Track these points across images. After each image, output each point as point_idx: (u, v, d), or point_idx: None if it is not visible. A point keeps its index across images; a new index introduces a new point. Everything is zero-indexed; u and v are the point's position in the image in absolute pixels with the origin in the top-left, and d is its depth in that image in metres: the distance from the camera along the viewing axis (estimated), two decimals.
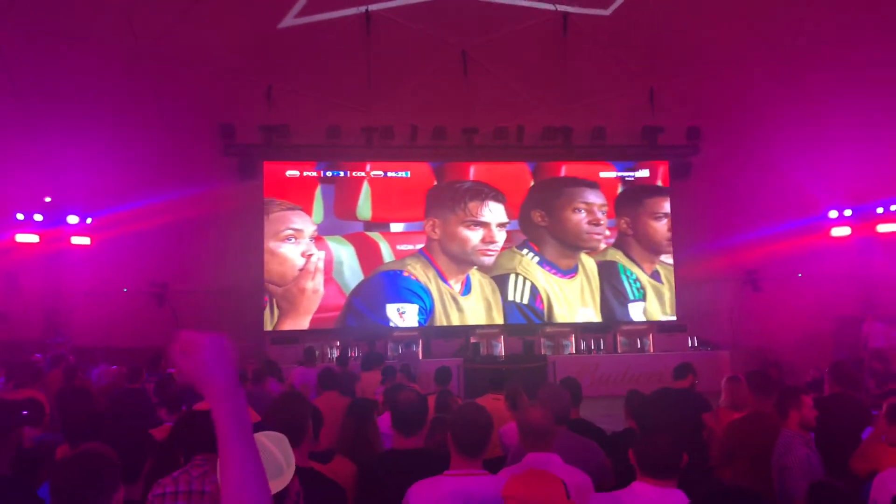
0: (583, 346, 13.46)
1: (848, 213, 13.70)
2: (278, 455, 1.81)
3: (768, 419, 3.93)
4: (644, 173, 14.66)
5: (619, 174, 14.58)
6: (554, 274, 13.98)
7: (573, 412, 4.30)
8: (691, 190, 14.42)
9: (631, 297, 14.18)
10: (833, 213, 13.78)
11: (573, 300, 14.00)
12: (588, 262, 14.13)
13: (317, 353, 12.30)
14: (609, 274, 14.19)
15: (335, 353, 12.51)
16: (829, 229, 13.86)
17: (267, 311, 13.33)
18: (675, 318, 14.21)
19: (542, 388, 4.11)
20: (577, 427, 4.05)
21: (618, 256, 14.28)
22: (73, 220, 12.15)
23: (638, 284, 14.22)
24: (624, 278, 14.20)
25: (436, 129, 13.70)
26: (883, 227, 13.25)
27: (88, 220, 12.34)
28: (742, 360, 12.69)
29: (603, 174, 14.53)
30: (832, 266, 13.48)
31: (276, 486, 1.78)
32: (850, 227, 13.73)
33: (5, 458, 3.30)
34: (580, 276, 14.10)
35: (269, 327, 13.28)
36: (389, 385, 6.16)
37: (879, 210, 13.23)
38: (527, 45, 13.43)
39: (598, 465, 3.58)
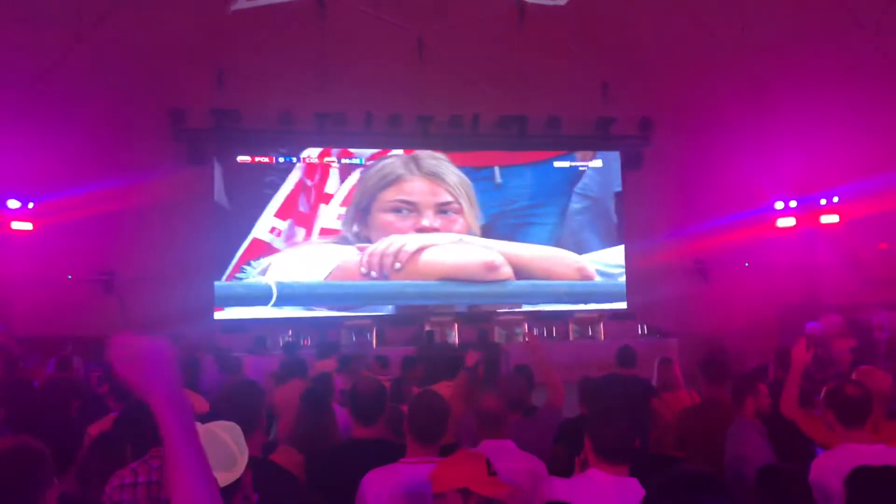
0: (535, 333, 13.56)
1: (793, 204, 14.10)
2: (231, 445, 1.77)
3: (722, 407, 4.00)
4: (597, 163, 14.82)
5: (573, 164, 14.72)
6: None
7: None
8: (643, 180, 14.64)
9: None
10: (779, 205, 14.17)
11: None
12: None
13: (268, 341, 12.20)
14: None
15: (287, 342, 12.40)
16: (775, 220, 14.26)
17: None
18: (625, 306, 14.44)
19: (498, 376, 4.13)
20: (530, 413, 4.08)
21: None
22: (13, 204, 11.71)
23: None
24: None
25: (391, 116, 13.60)
26: (826, 219, 13.68)
27: (30, 205, 11.90)
28: (690, 347, 12.98)
29: (557, 163, 14.65)
30: (778, 256, 13.88)
31: (229, 476, 1.74)
32: (795, 217, 14.15)
33: None
34: None
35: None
36: (345, 373, 6.12)
37: (823, 202, 13.64)
38: (483, 34, 13.42)
39: (551, 450, 3.61)
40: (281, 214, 13.51)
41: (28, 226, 11.94)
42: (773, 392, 5.24)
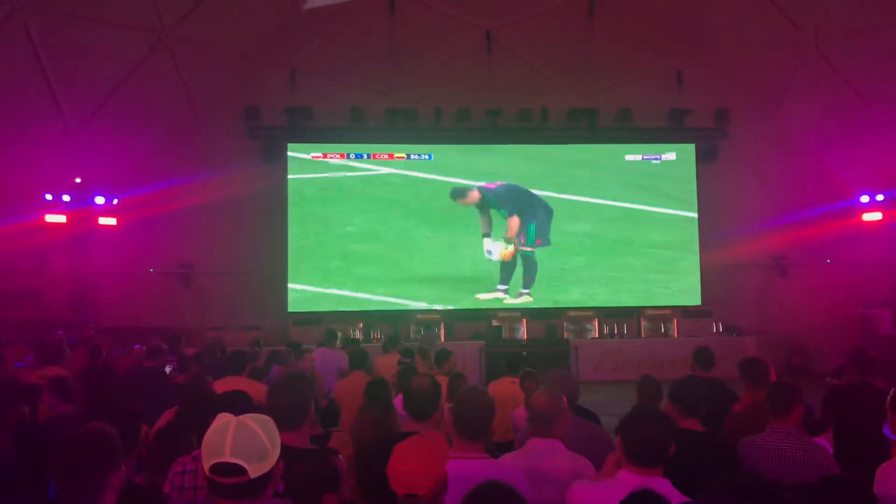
0: (605, 330, 13.40)
1: (880, 198, 13.31)
2: (263, 437, 1.83)
3: (765, 411, 3.75)
4: (671, 156, 14.44)
5: (645, 157, 14.38)
6: None
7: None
8: (718, 173, 14.16)
9: None
10: (865, 198, 13.41)
11: None
12: None
13: (339, 334, 12.44)
14: None
15: (358, 335, 12.65)
16: (861, 214, 13.49)
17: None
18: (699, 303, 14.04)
19: (549, 373, 4.08)
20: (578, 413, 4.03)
21: None
22: (100, 200, 12.32)
23: None
24: None
25: (459, 111, 13.62)
26: None
27: (115, 202, 12.51)
28: (768, 345, 12.56)
29: (628, 157, 14.34)
30: (862, 251, 13.18)
31: (260, 467, 1.81)
32: (882, 212, 13.36)
33: (4, 439, 3.35)
34: None
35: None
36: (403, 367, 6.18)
37: None
38: (552, 26, 13.30)
39: (603, 450, 3.55)
40: None
41: (113, 221, 12.54)
42: (847, 395, 5.01)
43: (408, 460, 2.27)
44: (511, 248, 13.17)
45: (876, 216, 13.32)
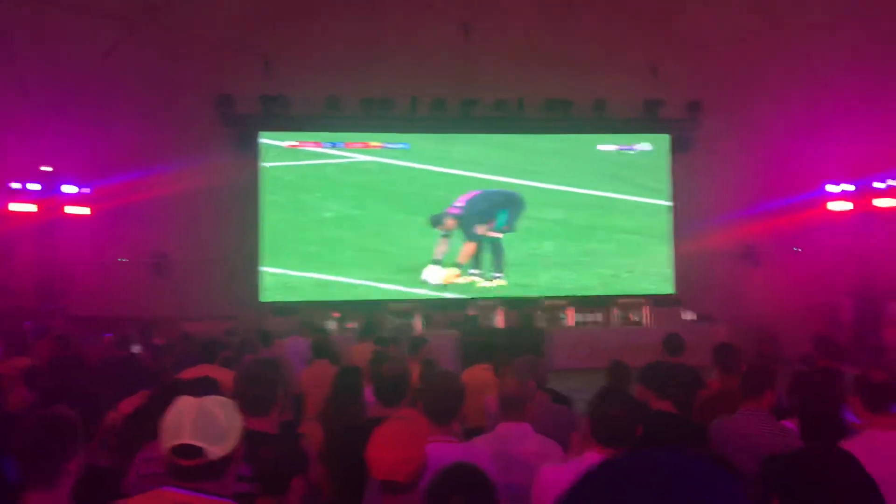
0: (580, 319, 13.50)
1: (848, 188, 13.51)
2: (222, 419, 1.82)
3: (736, 398, 3.83)
4: (646, 147, 14.57)
5: (622, 148, 14.51)
6: None
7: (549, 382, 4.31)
8: (692, 164, 14.33)
9: None
10: (832, 188, 13.62)
11: None
12: None
13: (314, 324, 12.39)
14: None
15: (334, 325, 12.63)
16: (828, 204, 13.72)
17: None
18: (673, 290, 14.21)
19: (520, 360, 4.12)
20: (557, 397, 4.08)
21: None
22: (69, 189, 12.13)
23: None
24: None
25: (435, 100, 13.60)
26: (881, 202, 13.09)
27: (86, 190, 12.32)
28: (739, 333, 12.71)
29: (603, 147, 14.44)
30: (830, 241, 13.41)
31: (220, 450, 1.80)
32: (850, 202, 13.58)
33: None
34: None
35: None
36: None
37: (878, 185, 13.05)
38: (528, 16, 13.31)
39: (570, 429, 3.59)
40: None
41: (86, 210, 12.35)
42: (812, 381, 5.10)
43: (388, 445, 2.27)
44: (455, 271, 13.50)
45: (844, 206, 13.54)
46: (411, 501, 2.23)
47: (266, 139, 13.66)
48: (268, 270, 13.38)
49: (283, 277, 13.47)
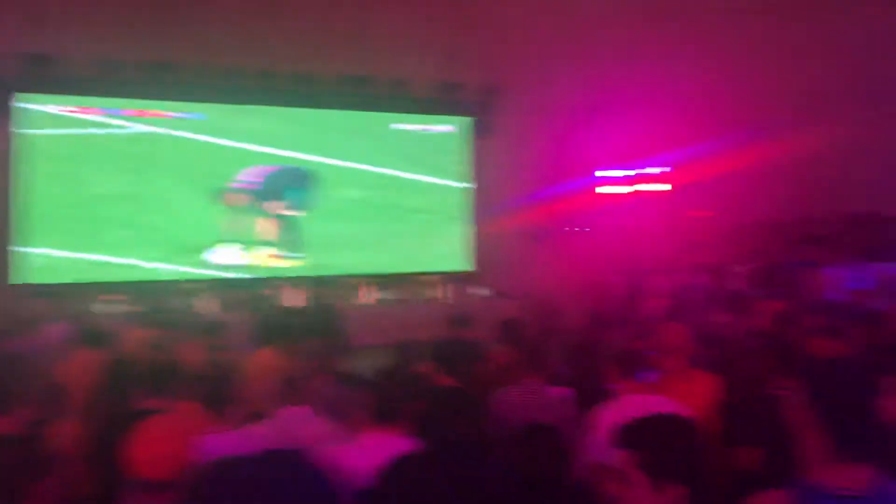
0: (378, 296, 13.60)
1: (620, 173, 15.10)
2: None
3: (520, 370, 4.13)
4: (446, 128, 14.94)
5: (421, 128, 14.74)
6: None
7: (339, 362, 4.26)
8: (492, 147, 14.97)
9: None
10: (604, 173, 15.14)
11: None
12: None
13: (86, 309, 11.36)
14: None
15: (113, 308, 11.59)
16: (600, 188, 15.20)
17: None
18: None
19: (307, 341, 4.03)
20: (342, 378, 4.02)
21: None
22: None
23: None
24: None
25: (229, 70, 12.84)
26: (651, 187, 14.76)
27: None
28: (528, 308, 13.53)
29: (399, 126, 14.57)
30: (605, 222, 14.85)
31: None
32: (622, 185, 15.18)
33: None
34: None
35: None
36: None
37: (650, 171, 14.71)
38: None
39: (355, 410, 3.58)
40: None
41: None
42: (581, 351, 5.52)
43: (152, 441, 2.07)
44: (257, 251, 13.19)
45: (615, 189, 15.13)
46: (172, 501, 2.05)
47: (25, 103, 12.11)
48: (24, 250, 11.94)
49: (45, 258, 12.08)
